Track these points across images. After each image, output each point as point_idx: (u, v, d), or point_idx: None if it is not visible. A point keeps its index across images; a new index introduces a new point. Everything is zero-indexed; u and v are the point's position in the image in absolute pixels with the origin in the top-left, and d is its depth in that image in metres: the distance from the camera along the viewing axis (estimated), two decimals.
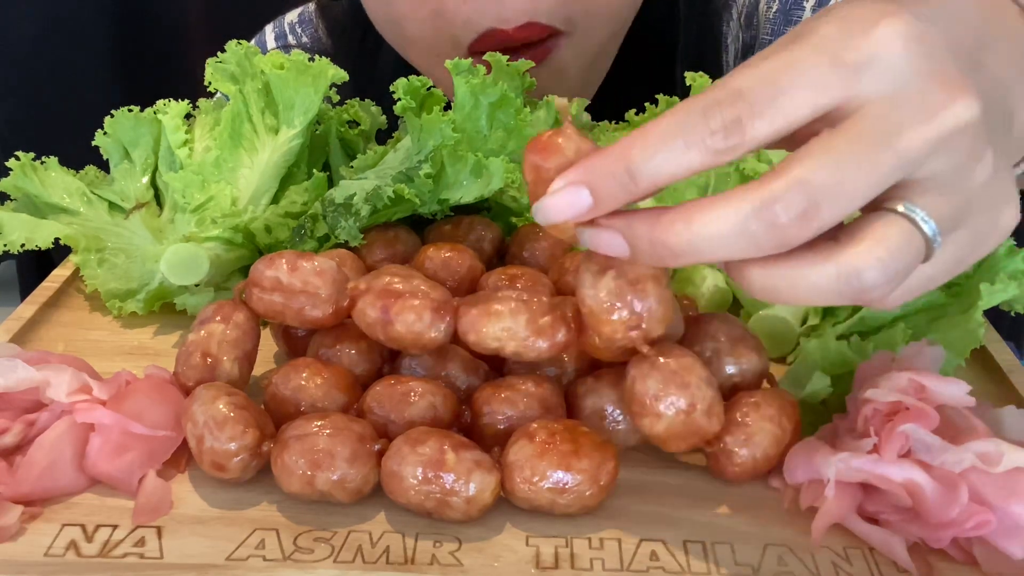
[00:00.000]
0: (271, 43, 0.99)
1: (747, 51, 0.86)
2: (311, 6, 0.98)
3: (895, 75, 0.34)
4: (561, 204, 0.38)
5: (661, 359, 0.45)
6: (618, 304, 0.43)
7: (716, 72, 0.84)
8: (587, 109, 0.77)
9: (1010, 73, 0.40)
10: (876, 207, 0.35)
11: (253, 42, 1.01)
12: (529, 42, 0.73)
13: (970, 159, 0.35)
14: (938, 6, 0.38)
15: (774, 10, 0.85)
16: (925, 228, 0.35)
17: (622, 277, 0.43)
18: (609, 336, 0.44)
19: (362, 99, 0.76)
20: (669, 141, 0.35)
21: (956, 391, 0.47)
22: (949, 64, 0.35)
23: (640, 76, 0.87)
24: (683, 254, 0.36)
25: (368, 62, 0.89)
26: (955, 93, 0.34)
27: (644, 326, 0.44)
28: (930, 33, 0.35)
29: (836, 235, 0.35)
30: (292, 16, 1.00)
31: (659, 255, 0.37)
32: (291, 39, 0.99)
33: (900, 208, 0.35)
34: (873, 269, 0.34)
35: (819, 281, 0.35)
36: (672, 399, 0.45)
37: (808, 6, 0.83)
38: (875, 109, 0.34)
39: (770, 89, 0.34)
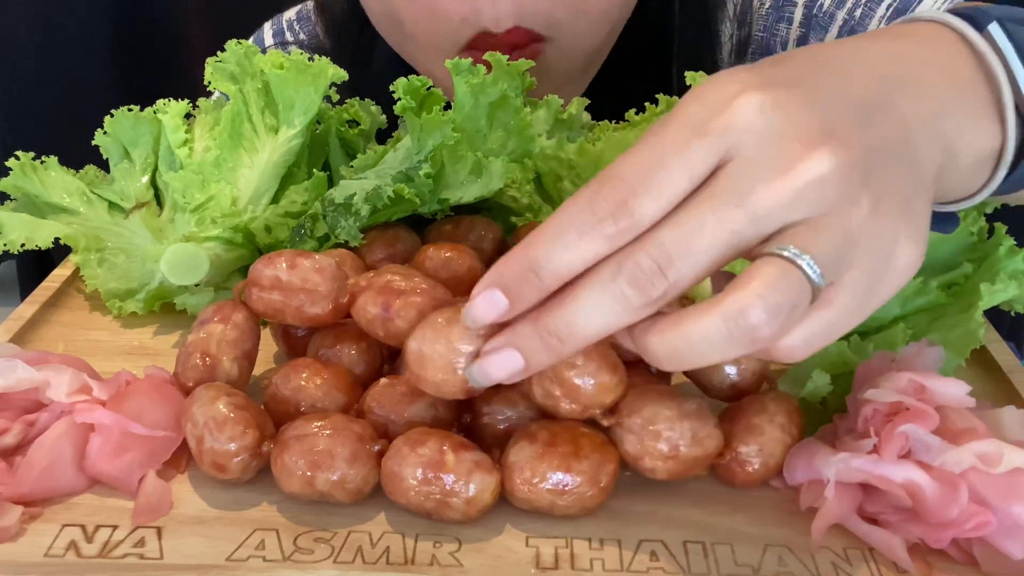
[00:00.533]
0: (269, 40, 0.99)
1: (741, 48, 0.86)
2: (309, 4, 0.98)
3: (754, 138, 0.37)
4: (482, 307, 0.40)
5: (626, 421, 0.46)
6: (559, 395, 0.45)
7: (714, 70, 0.84)
8: (587, 109, 0.77)
9: (925, 112, 0.41)
10: (758, 256, 0.37)
11: (251, 40, 1.01)
12: (516, 47, 0.73)
13: (841, 203, 0.37)
14: (819, 66, 0.40)
15: (766, 6, 0.85)
16: (802, 264, 0.36)
17: (543, 376, 0.45)
18: (571, 417, 0.46)
19: (361, 98, 0.76)
20: (563, 235, 0.37)
21: (956, 391, 0.47)
22: (813, 122, 0.37)
23: (640, 76, 0.87)
24: (570, 336, 0.38)
25: (364, 60, 0.89)
26: (812, 147, 0.36)
27: (593, 409, 0.45)
28: (792, 96, 0.38)
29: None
30: (290, 14, 1.00)
31: (550, 347, 0.39)
32: (289, 36, 0.99)
33: (773, 250, 0.36)
34: (755, 307, 0.35)
35: (709, 332, 0.36)
36: (653, 451, 0.45)
37: (800, 2, 0.83)
38: (731, 170, 0.37)
39: (646, 168, 0.37)
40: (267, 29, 1.00)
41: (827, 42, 0.40)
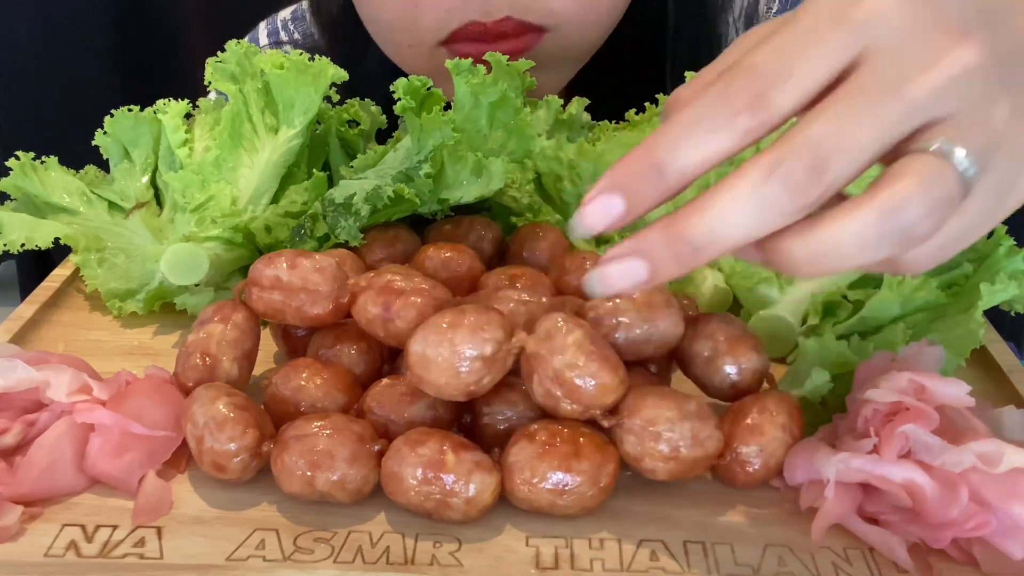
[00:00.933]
0: (263, 39, 0.99)
1: None
2: (304, 3, 0.98)
3: (897, 28, 0.34)
4: (595, 213, 0.36)
5: (626, 422, 0.46)
6: (559, 396, 0.45)
7: None
8: (587, 109, 0.77)
9: None
10: (902, 154, 0.35)
11: (246, 39, 1.01)
12: (504, 35, 0.73)
13: (983, 101, 0.35)
14: None
15: (774, 10, 0.85)
16: (955, 158, 0.34)
17: (544, 376, 0.45)
18: (572, 418, 0.46)
19: (361, 98, 0.76)
20: (693, 131, 0.35)
21: (956, 391, 0.47)
22: (952, 15, 0.35)
23: (639, 75, 0.87)
24: (705, 246, 0.35)
25: (360, 59, 0.89)
26: (957, 39, 0.34)
27: (594, 410, 0.46)
28: None
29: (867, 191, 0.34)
30: (285, 13, 1.01)
31: (680, 256, 0.35)
32: (284, 36, 0.99)
33: (925, 146, 0.34)
34: (914, 202, 0.33)
35: (862, 230, 0.33)
36: (654, 452, 0.45)
37: None
38: (878, 61, 0.34)
39: (785, 59, 0.34)
40: (262, 29, 1.00)
41: None
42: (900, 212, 0.33)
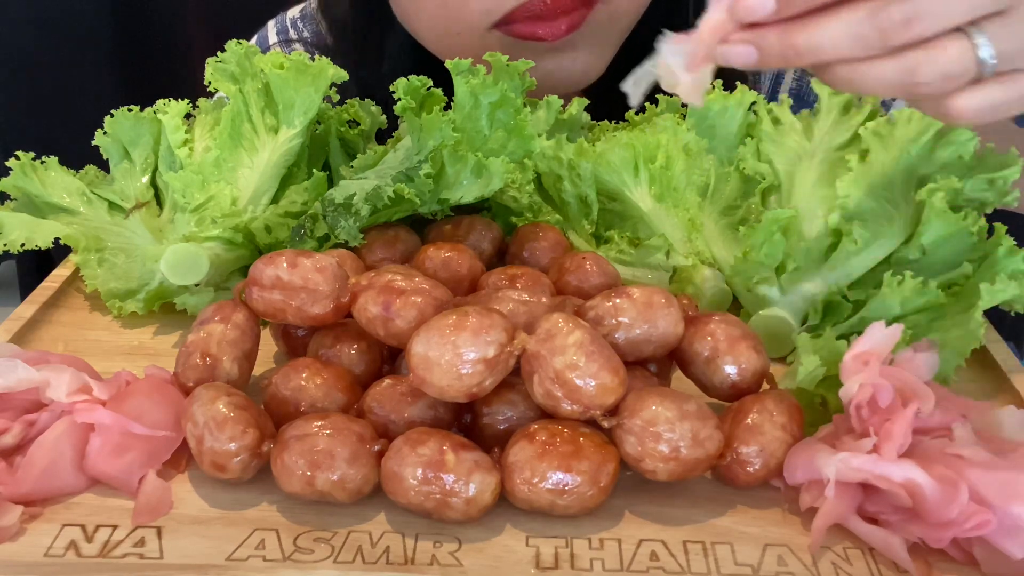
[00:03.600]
0: (273, 38, 1.00)
1: None
2: (313, 2, 0.98)
3: None
4: (735, 53, 0.46)
5: (626, 422, 0.46)
6: (560, 396, 0.46)
7: (720, 72, 0.84)
8: (587, 109, 0.77)
9: None
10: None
11: (255, 38, 1.02)
12: (565, 11, 0.73)
13: None
14: None
15: None
16: (981, 52, 0.44)
17: (545, 377, 0.46)
18: (572, 418, 0.46)
19: (372, 97, 0.76)
20: (836, 32, 0.44)
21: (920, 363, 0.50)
22: None
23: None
24: (806, 52, 0.45)
25: (374, 58, 0.89)
26: None
27: (594, 410, 0.46)
28: None
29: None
30: (294, 12, 1.01)
31: (786, 55, 0.45)
32: (293, 34, 0.99)
33: (969, 30, 0.44)
34: (926, 66, 0.44)
35: (885, 72, 0.45)
36: (654, 452, 0.45)
37: None
38: None
39: None
40: (271, 27, 1.01)
41: None
42: (915, 71, 0.44)
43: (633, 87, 0.50)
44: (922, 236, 0.59)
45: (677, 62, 0.48)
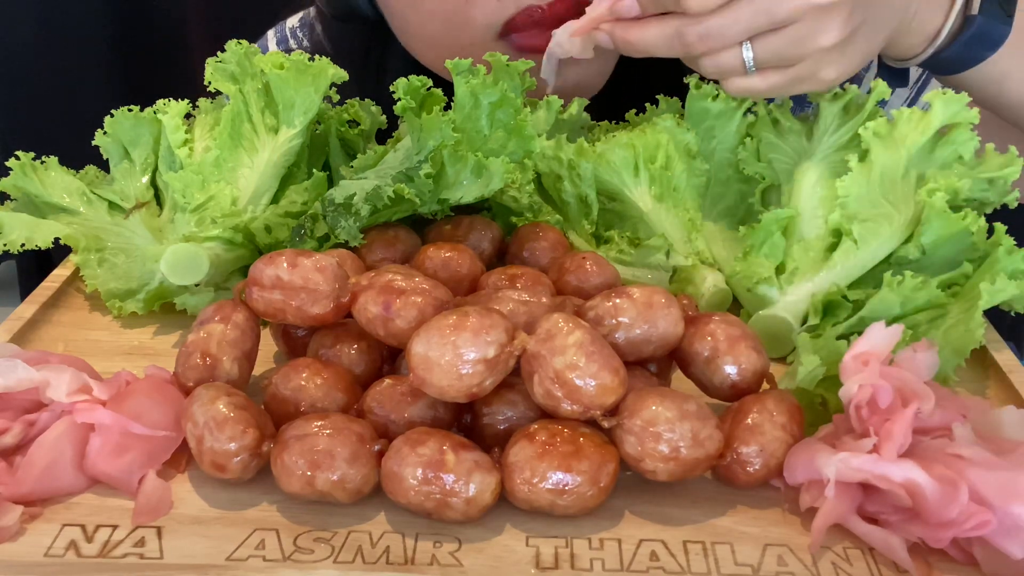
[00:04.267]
0: (272, 46, 1.00)
1: None
2: (312, 11, 0.98)
3: None
4: (599, 37, 0.64)
5: (626, 422, 0.46)
6: (560, 396, 0.46)
7: None
8: (587, 109, 0.77)
9: None
10: None
11: (256, 46, 1.01)
12: (562, 18, 0.73)
13: (817, 29, 0.57)
14: None
15: None
16: (745, 55, 0.59)
17: (545, 377, 0.46)
18: (572, 418, 0.46)
19: (384, 108, 0.76)
20: (655, 36, 0.61)
21: (923, 363, 0.49)
22: None
23: (639, 75, 0.87)
24: (637, 45, 0.62)
25: (376, 64, 0.89)
26: None
27: (594, 411, 0.46)
28: None
29: None
30: (293, 20, 1.01)
31: (626, 46, 0.63)
32: (292, 43, 0.99)
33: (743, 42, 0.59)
34: (707, 62, 0.61)
35: (658, 33, 0.60)
36: (654, 452, 0.45)
37: None
38: None
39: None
40: (271, 36, 1.00)
41: None
42: (683, 35, 0.59)
43: (545, 63, 0.68)
44: (922, 236, 0.59)
45: (564, 34, 0.65)
